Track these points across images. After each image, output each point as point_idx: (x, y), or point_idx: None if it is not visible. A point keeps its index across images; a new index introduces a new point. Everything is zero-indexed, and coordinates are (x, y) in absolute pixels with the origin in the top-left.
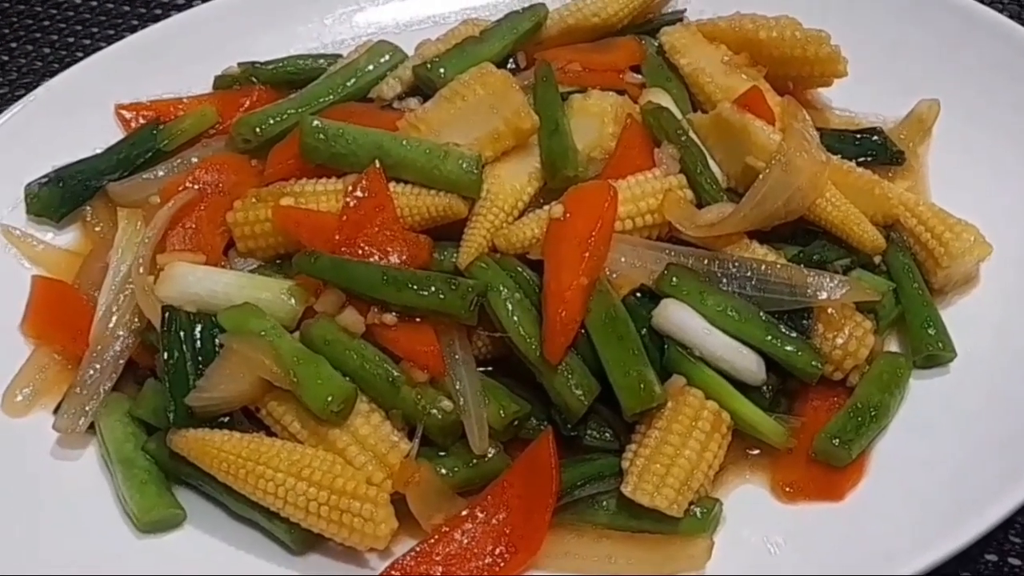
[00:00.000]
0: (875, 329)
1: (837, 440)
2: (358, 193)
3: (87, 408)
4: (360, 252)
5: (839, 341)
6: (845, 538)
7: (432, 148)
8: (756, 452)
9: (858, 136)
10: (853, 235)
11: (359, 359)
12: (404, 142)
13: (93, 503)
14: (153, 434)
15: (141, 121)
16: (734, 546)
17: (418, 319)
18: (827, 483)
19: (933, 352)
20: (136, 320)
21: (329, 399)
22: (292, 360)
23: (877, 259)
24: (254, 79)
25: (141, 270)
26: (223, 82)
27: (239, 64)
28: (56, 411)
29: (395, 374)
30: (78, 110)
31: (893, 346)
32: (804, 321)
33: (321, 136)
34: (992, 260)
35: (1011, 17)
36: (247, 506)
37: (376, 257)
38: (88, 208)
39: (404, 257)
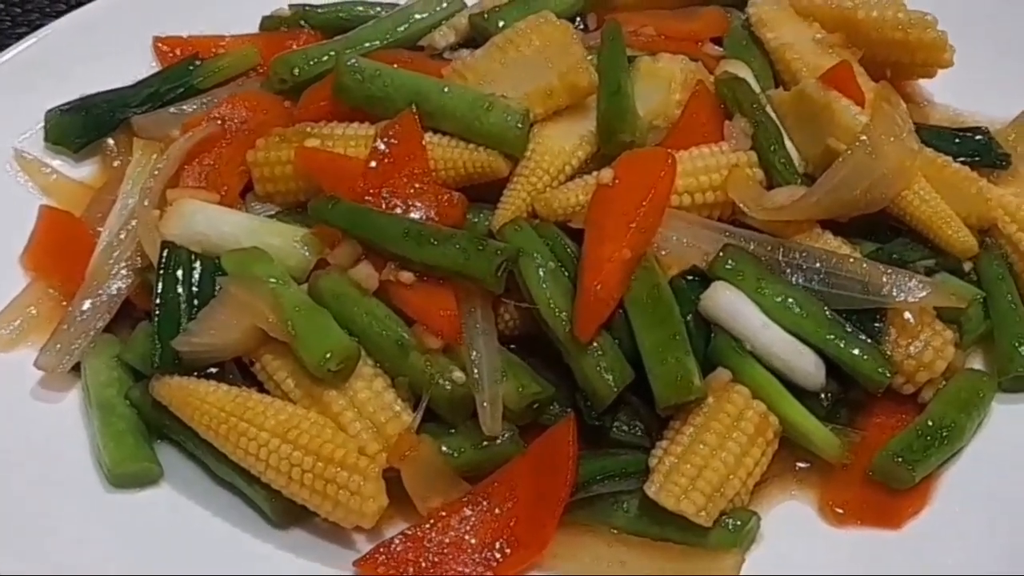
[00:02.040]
0: (957, 341)
1: (901, 459)
2: (389, 139)
3: (74, 347)
4: (384, 203)
5: (913, 350)
6: (896, 572)
7: (476, 98)
8: (806, 465)
9: (959, 134)
10: (941, 235)
11: (368, 317)
12: (445, 89)
13: (67, 450)
14: (139, 382)
15: (178, 56)
16: (769, 567)
17: (440, 281)
18: (884, 507)
19: (1023, 373)
20: (138, 258)
21: (328, 355)
22: (292, 310)
23: (967, 265)
24: (304, 22)
25: (147, 203)
26: (271, 23)
27: (290, 5)
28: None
29: (405, 337)
30: (115, 40)
31: (977, 363)
32: (876, 324)
33: (357, 76)
34: None
35: None
36: (228, 468)
37: (400, 210)
38: (110, 140)
39: (433, 214)
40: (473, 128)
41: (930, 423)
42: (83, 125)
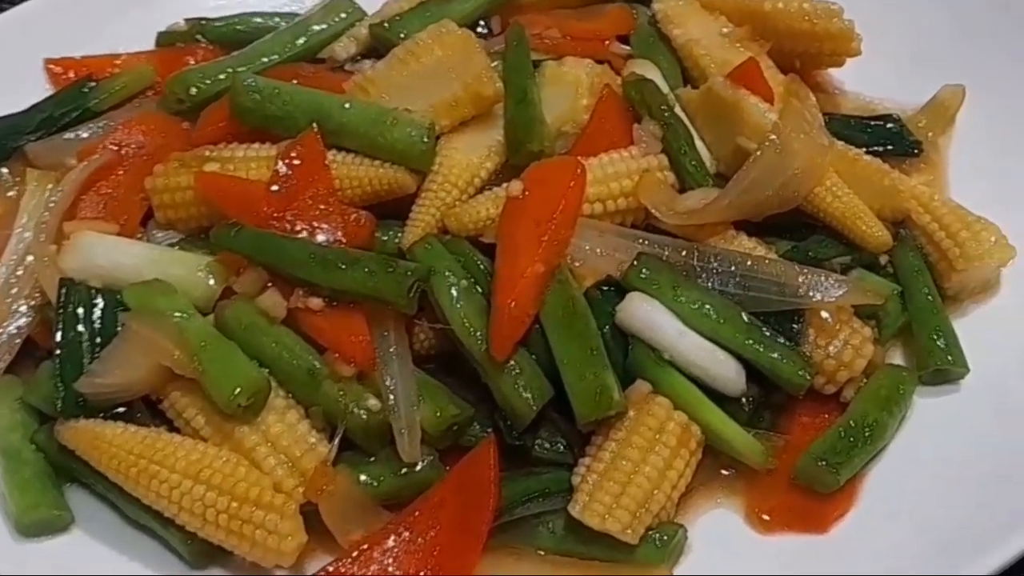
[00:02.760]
0: (876, 338)
1: (824, 463)
2: (291, 160)
3: None
4: (289, 227)
5: (832, 349)
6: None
7: (379, 113)
8: (730, 472)
9: (871, 123)
10: (856, 230)
11: (277, 347)
12: (347, 105)
13: None
14: (45, 424)
15: (71, 78)
16: None
17: (350, 305)
18: (810, 512)
19: (942, 366)
20: (37, 294)
21: (236, 391)
22: (198, 345)
23: (883, 259)
24: (201, 36)
25: (42, 237)
26: (167, 39)
27: (186, 20)
28: None
29: (316, 365)
30: (4, 63)
31: (897, 359)
32: (794, 325)
33: (255, 95)
34: (1016, 266)
35: None
36: (141, 511)
37: (306, 233)
38: (3, 170)
39: (340, 235)
40: (377, 144)
41: (852, 423)
42: None
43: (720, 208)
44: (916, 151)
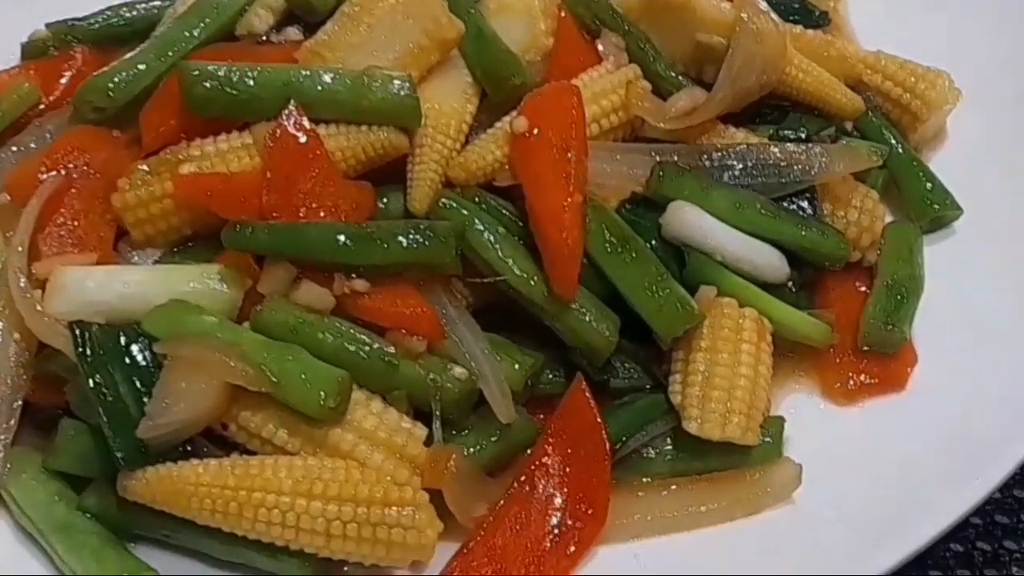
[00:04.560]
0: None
1: (887, 324)
2: (280, 142)
3: None
4: (299, 214)
5: (852, 217)
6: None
7: (354, 76)
8: (792, 356)
9: (775, 2)
10: (832, 100)
11: (339, 339)
12: (319, 74)
13: None
14: (88, 486)
15: None
16: (811, 462)
17: (393, 279)
18: (885, 373)
19: (940, 212)
20: (24, 351)
21: (323, 394)
22: (263, 355)
23: (849, 126)
24: (73, 40)
25: (22, 284)
26: (34, 49)
27: (48, 25)
28: None
29: (388, 349)
30: None
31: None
32: (810, 203)
33: (212, 83)
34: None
35: None
36: (242, 548)
37: (321, 215)
38: None
39: (350, 210)
40: (360, 108)
41: (890, 282)
42: None
43: (715, 103)
44: (825, 21)
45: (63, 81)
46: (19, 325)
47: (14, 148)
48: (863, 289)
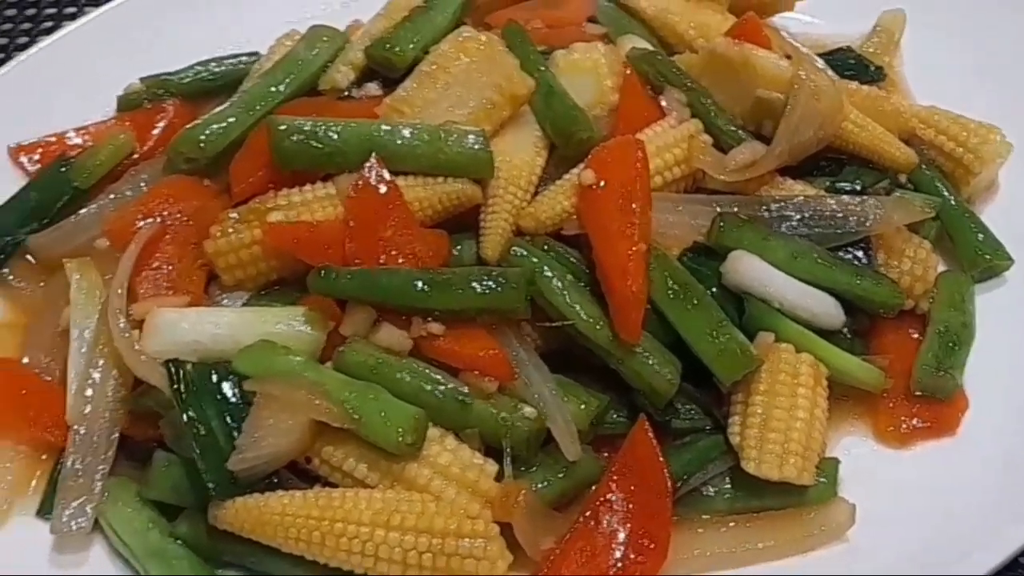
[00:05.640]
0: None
1: (940, 370)
2: (362, 193)
3: (87, 501)
4: (380, 260)
5: (905, 267)
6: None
7: (432, 131)
8: (847, 400)
9: (832, 58)
10: (885, 154)
11: (416, 380)
12: (399, 129)
13: None
14: (175, 515)
15: (41, 161)
16: (867, 502)
17: (467, 322)
18: (937, 417)
19: (991, 262)
20: (121, 388)
21: (401, 431)
22: (345, 394)
23: (903, 178)
24: (165, 93)
25: (122, 324)
26: (129, 101)
27: (142, 79)
28: (40, 511)
29: (462, 389)
30: None
31: (940, 266)
32: (865, 253)
33: (299, 137)
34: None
35: None
36: (324, 575)
37: (400, 262)
38: (6, 271)
39: (427, 258)
40: (437, 161)
41: (943, 329)
42: None
43: (774, 157)
44: (881, 76)
45: (156, 132)
46: (117, 363)
47: (111, 196)
48: (916, 336)
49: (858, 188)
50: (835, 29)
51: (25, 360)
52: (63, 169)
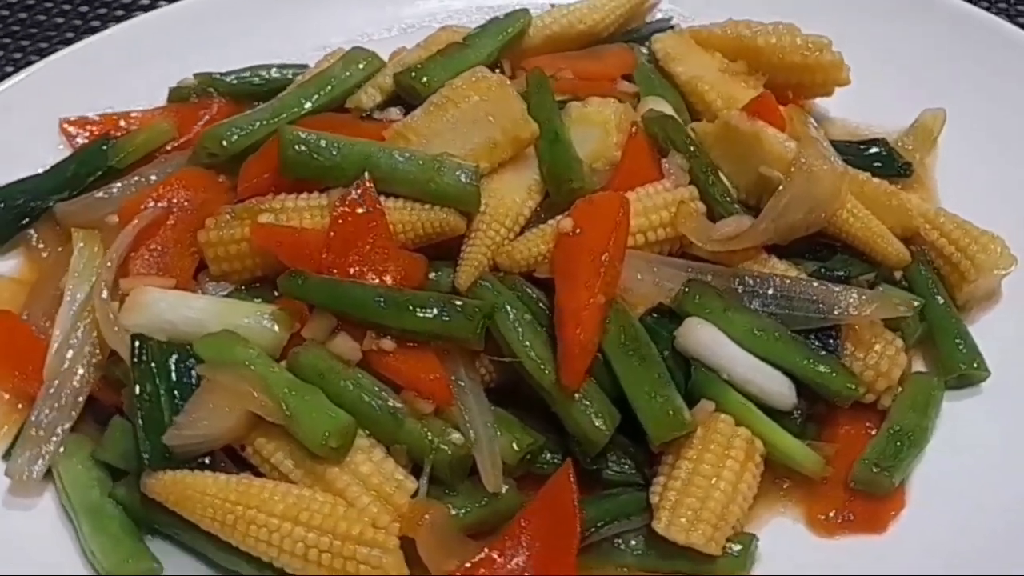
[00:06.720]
0: (905, 348)
1: (879, 468)
2: (347, 208)
3: (44, 451)
4: (351, 272)
5: (871, 361)
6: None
7: (426, 159)
8: (785, 483)
9: (862, 147)
10: (877, 249)
11: (356, 390)
12: (395, 153)
13: (53, 558)
14: (121, 479)
15: (88, 137)
16: None
17: (419, 344)
18: (868, 514)
19: (966, 371)
20: (97, 352)
21: (327, 434)
22: (284, 391)
23: (897, 274)
24: (213, 91)
25: (104, 295)
26: (179, 94)
27: (195, 75)
28: (6, 455)
29: (397, 405)
30: (17, 126)
31: (919, 366)
32: (832, 340)
33: (303, 147)
34: (1011, 275)
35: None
36: (235, 557)
37: (370, 277)
38: (32, 232)
39: (400, 278)
40: (427, 189)
41: (895, 428)
42: (2, 220)
43: (756, 234)
44: (907, 172)
45: (197, 126)
46: (98, 329)
47: (136, 178)
48: (873, 431)
49: (843, 276)
50: (879, 120)
51: (25, 316)
52: (104, 147)
